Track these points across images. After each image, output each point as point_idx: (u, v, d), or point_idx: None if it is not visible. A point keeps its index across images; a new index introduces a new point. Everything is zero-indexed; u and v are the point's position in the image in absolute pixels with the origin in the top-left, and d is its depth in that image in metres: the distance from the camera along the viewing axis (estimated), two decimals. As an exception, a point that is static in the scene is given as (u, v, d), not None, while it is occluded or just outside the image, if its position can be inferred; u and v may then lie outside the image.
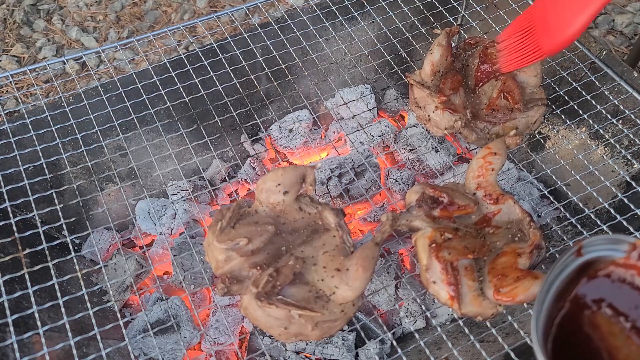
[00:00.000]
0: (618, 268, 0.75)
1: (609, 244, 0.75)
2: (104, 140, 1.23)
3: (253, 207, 1.01)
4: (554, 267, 0.74)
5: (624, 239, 0.75)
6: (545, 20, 1.02)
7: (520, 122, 1.14)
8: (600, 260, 0.75)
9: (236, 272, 0.92)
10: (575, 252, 0.74)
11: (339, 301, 0.90)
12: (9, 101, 2.08)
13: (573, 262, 0.74)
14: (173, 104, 1.23)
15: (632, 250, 0.73)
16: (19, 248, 1.02)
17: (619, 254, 0.75)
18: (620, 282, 0.74)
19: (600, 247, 0.75)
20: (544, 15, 1.03)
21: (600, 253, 0.75)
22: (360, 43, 1.39)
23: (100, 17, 2.42)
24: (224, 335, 1.17)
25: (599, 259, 0.75)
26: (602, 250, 0.75)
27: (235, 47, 1.31)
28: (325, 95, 1.56)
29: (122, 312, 1.26)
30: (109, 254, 1.34)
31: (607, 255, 0.75)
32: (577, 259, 0.74)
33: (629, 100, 1.24)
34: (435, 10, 1.40)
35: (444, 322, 1.20)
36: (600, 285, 0.75)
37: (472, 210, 1.00)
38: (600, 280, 0.75)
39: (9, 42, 2.32)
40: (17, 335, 0.92)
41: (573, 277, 0.74)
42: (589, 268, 0.75)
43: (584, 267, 0.75)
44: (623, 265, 0.74)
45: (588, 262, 0.75)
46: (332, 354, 1.11)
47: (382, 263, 1.21)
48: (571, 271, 0.74)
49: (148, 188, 1.46)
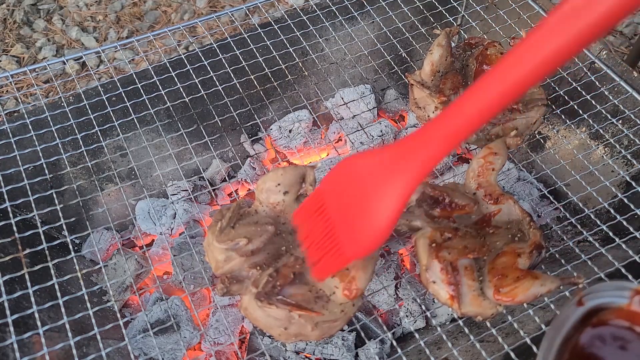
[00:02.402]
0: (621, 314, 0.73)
1: (611, 291, 0.74)
2: (104, 140, 1.23)
3: (253, 207, 1.01)
4: (553, 321, 0.72)
5: (627, 286, 0.73)
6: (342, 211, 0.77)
7: (520, 123, 1.14)
8: (604, 308, 0.73)
9: (236, 272, 0.92)
10: (576, 303, 0.73)
11: (339, 301, 0.90)
12: (8, 101, 2.08)
13: (575, 313, 0.73)
14: (173, 104, 1.23)
15: (634, 295, 0.72)
16: (19, 248, 1.01)
17: (622, 300, 0.73)
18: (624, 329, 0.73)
19: (602, 294, 0.74)
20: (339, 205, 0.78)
21: (603, 300, 0.74)
22: (360, 43, 1.39)
23: (100, 17, 2.42)
24: (224, 335, 1.17)
25: (602, 307, 0.73)
26: (605, 297, 0.74)
27: (235, 47, 1.31)
28: (325, 95, 1.56)
29: (122, 312, 1.26)
30: (109, 254, 1.34)
31: (611, 302, 0.73)
32: (578, 308, 0.73)
33: (629, 100, 1.24)
34: (435, 11, 1.40)
35: (443, 322, 1.19)
36: (603, 333, 0.73)
37: (472, 210, 1.00)
38: (603, 328, 0.73)
39: (9, 42, 2.32)
40: (17, 335, 0.92)
41: (577, 326, 0.72)
42: (593, 316, 0.73)
43: (588, 316, 0.73)
44: (626, 311, 0.73)
45: (592, 310, 0.73)
46: (332, 354, 1.11)
47: (382, 263, 1.21)
48: (574, 322, 0.72)
49: (148, 188, 1.45)
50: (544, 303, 0.97)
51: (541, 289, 0.87)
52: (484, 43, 1.24)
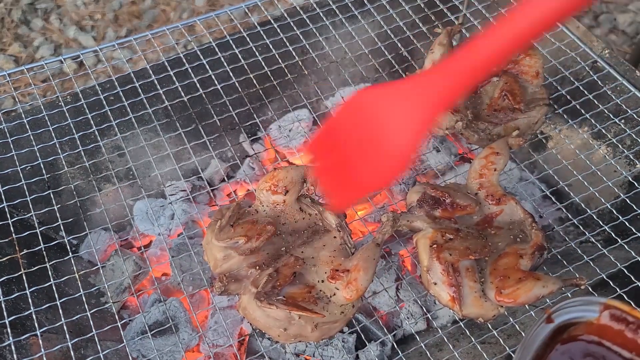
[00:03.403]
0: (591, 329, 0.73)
1: (579, 306, 0.73)
2: (102, 140, 1.22)
3: (253, 207, 1.00)
4: (523, 340, 0.71)
5: (595, 300, 0.73)
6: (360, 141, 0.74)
7: (522, 123, 1.13)
8: (573, 323, 0.73)
9: (234, 271, 0.92)
10: (545, 320, 0.72)
11: (340, 302, 0.89)
12: (6, 100, 2.07)
13: (544, 330, 0.72)
14: (171, 103, 1.22)
15: (604, 310, 0.72)
16: (16, 249, 1.01)
17: (592, 315, 0.73)
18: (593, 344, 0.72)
19: (571, 309, 0.73)
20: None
21: (572, 315, 0.73)
22: (361, 42, 1.38)
23: (98, 16, 2.41)
24: (222, 337, 1.16)
25: (571, 322, 0.73)
26: (574, 312, 0.73)
27: (234, 45, 1.30)
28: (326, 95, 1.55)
29: (120, 314, 1.25)
30: (107, 255, 1.33)
31: (581, 317, 0.73)
32: (548, 325, 0.72)
33: (631, 100, 1.23)
34: (436, 9, 1.39)
35: (445, 324, 1.19)
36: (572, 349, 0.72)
37: (473, 211, 0.99)
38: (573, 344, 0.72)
39: (6, 41, 2.31)
40: (14, 336, 0.91)
41: (547, 343, 0.72)
42: (563, 332, 0.73)
43: (558, 332, 0.73)
44: (596, 326, 0.72)
45: (562, 327, 0.73)
46: (332, 356, 1.10)
47: (383, 264, 1.20)
48: (544, 338, 0.72)
49: (146, 188, 1.44)
50: (546, 304, 0.96)
51: (543, 290, 0.86)
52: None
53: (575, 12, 0.67)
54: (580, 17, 2.26)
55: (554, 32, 1.32)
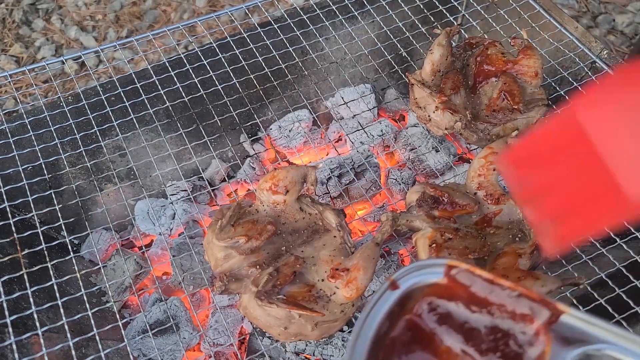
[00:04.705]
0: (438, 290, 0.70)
1: (422, 269, 0.70)
2: (103, 140, 1.22)
3: (254, 207, 1.01)
4: (365, 308, 0.67)
5: (437, 262, 0.71)
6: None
7: (521, 123, 1.14)
8: (419, 287, 0.70)
9: (235, 270, 0.92)
10: (390, 287, 0.69)
11: (340, 301, 0.90)
12: (7, 101, 2.08)
13: (391, 297, 0.69)
14: (172, 103, 1.22)
15: (448, 271, 0.70)
16: (17, 248, 1.01)
17: (437, 276, 0.70)
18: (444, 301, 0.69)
19: (414, 273, 0.70)
20: None
21: (417, 279, 0.70)
22: (361, 42, 1.39)
23: (99, 17, 2.42)
24: (223, 336, 1.16)
25: (418, 287, 0.70)
26: (418, 276, 0.70)
27: (234, 46, 1.30)
28: (325, 95, 1.56)
29: (121, 313, 1.25)
30: (108, 255, 1.34)
31: (425, 280, 0.70)
32: (394, 292, 0.69)
33: (630, 100, 1.23)
34: (435, 10, 1.40)
35: (444, 323, 1.19)
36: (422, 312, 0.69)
37: (472, 210, 1.00)
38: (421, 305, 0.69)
39: (7, 41, 2.32)
40: (15, 336, 0.92)
41: (395, 310, 0.69)
42: (411, 298, 0.70)
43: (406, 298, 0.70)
44: (445, 286, 0.70)
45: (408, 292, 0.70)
46: (332, 355, 1.11)
47: (383, 263, 1.21)
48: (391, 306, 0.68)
49: (147, 188, 1.45)
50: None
51: (542, 290, 0.87)
52: (485, 42, 1.24)
53: None
54: (578, 18, 2.27)
55: (552, 32, 1.33)
